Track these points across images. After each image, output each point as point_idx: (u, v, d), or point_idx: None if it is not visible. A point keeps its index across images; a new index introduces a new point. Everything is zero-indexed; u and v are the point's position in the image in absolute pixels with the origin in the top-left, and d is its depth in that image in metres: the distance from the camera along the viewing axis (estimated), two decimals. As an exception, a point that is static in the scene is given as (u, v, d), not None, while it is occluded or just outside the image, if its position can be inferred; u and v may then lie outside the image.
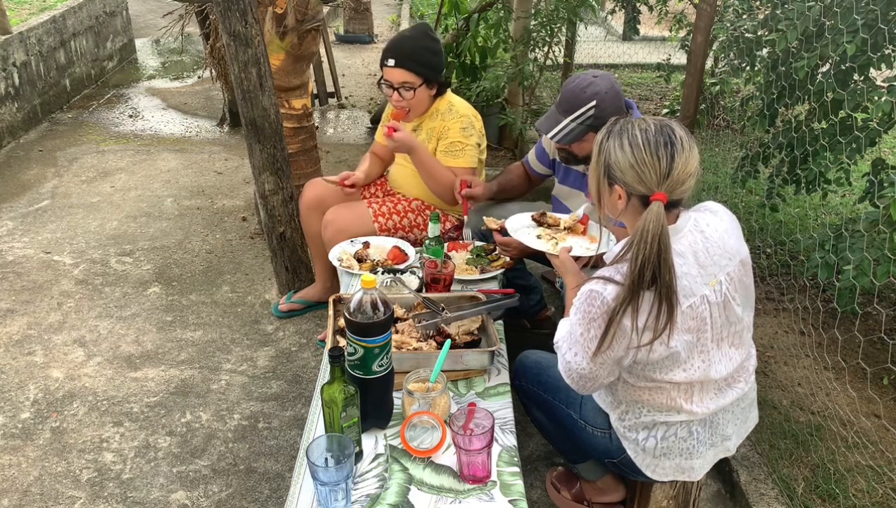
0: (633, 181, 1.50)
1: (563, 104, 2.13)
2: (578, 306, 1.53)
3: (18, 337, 2.94)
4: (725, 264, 1.55)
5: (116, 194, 4.25)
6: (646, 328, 1.46)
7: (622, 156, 1.50)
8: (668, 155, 1.46)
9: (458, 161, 2.54)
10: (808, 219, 3.64)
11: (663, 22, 4.83)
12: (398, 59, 2.44)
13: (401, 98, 2.50)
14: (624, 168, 1.50)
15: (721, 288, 1.53)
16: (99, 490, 2.22)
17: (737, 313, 1.58)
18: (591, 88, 2.09)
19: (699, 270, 1.51)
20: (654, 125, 1.50)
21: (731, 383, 1.65)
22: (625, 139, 1.50)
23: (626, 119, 1.55)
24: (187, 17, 4.62)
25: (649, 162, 1.47)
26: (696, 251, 1.52)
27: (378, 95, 6.11)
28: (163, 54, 7.35)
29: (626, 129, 1.52)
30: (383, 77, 2.51)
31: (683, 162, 1.47)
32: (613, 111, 2.11)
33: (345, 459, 1.40)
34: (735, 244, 1.59)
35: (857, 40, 2.24)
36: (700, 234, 1.54)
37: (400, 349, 1.81)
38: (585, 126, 2.11)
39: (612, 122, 1.57)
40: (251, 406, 2.58)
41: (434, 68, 2.50)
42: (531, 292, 2.77)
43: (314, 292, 3.06)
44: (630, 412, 1.67)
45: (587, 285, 1.52)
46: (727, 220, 1.61)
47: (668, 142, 1.47)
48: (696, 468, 1.68)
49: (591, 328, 1.50)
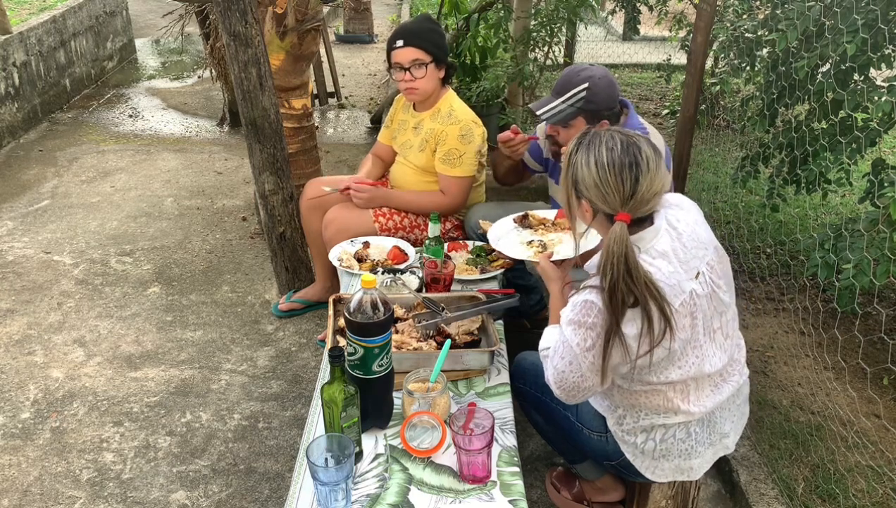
0: (598, 200, 1.50)
1: (557, 86, 2.17)
2: (572, 317, 1.52)
3: (18, 337, 2.94)
4: (703, 255, 1.55)
5: (116, 194, 4.25)
6: (642, 338, 1.46)
7: (587, 174, 1.50)
8: (631, 177, 1.46)
9: (455, 170, 2.54)
10: (808, 219, 3.64)
11: (663, 22, 4.83)
12: (407, 38, 2.46)
13: (412, 77, 2.50)
14: (589, 186, 1.50)
15: (706, 278, 1.54)
16: (99, 490, 2.22)
17: (724, 302, 1.59)
18: (585, 73, 2.13)
19: (682, 266, 1.51)
20: (620, 143, 1.49)
21: (726, 377, 1.65)
22: (591, 156, 1.50)
23: (596, 132, 1.54)
24: (187, 17, 4.63)
25: (613, 184, 1.47)
26: (675, 248, 1.52)
27: (378, 95, 6.11)
28: (163, 54, 7.34)
29: (594, 144, 1.51)
30: (392, 62, 2.52)
31: (648, 183, 1.47)
32: (605, 99, 2.13)
33: (345, 459, 1.40)
34: (706, 233, 1.59)
35: (857, 40, 2.24)
36: (674, 230, 1.54)
37: (400, 349, 1.81)
38: (575, 108, 2.12)
39: (582, 133, 1.57)
40: (251, 406, 2.58)
41: (441, 48, 2.52)
42: (531, 292, 2.77)
43: (314, 291, 3.06)
44: (627, 416, 1.67)
45: (580, 296, 1.51)
46: (693, 211, 1.62)
47: (632, 163, 1.46)
48: (695, 468, 1.69)
49: (589, 338, 1.49)
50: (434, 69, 2.52)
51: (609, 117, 2.17)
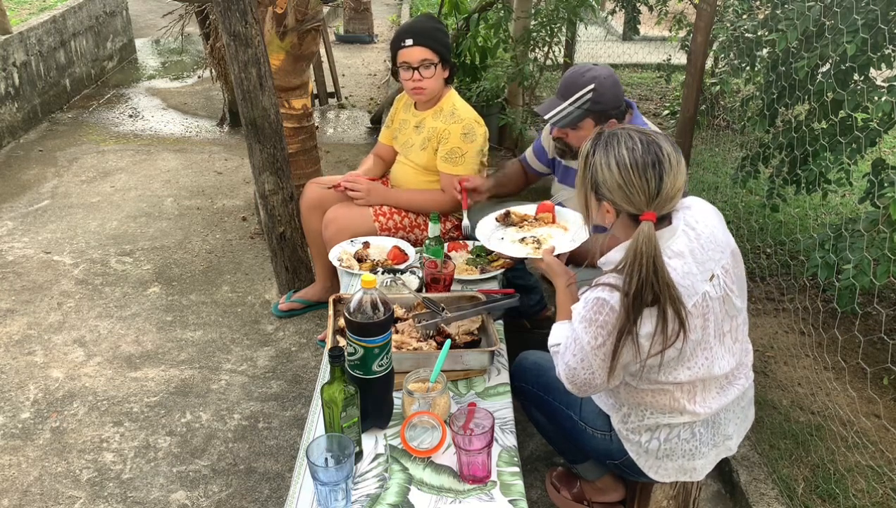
0: (622, 201, 1.49)
1: (561, 89, 2.15)
2: (584, 313, 1.51)
3: (18, 337, 2.94)
4: (719, 258, 1.55)
5: (116, 194, 4.25)
6: (655, 338, 1.46)
7: (609, 176, 1.48)
8: (656, 176, 1.45)
9: (458, 169, 2.55)
10: (808, 219, 3.64)
11: (663, 22, 4.83)
12: (416, 37, 2.46)
13: (420, 77, 2.50)
14: (612, 188, 1.49)
15: (719, 281, 1.53)
16: (99, 490, 2.22)
17: (736, 306, 1.58)
18: (590, 73, 2.11)
19: (698, 267, 1.50)
20: (640, 143, 1.48)
21: (733, 380, 1.65)
22: (611, 157, 1.48)
23: (611, 132, 1.53)
24: (187, 17, 4.63)
25: (637, 184, 1.46)
26: (693, 249, 1.51)
27: (378, 95, 6.11)
28: (163, 54, 7.34)
29: (613, 145, 1.49)
30: (400, 61, 2.51)
31: (671, 181, 1.46)
32: (612, 99, 2.12)
33: (345, 459, 1.40)
34: (724, 236, 1.59)
35: (857, 40, 2.24)
36: (693, 231, 1.53)
37: (400, 349, 1.81)
38: (583, 110, 2.11)
39: (596, 134, 1.55)
40: (251, 406, 2.58)
41: (448, 48, 2.53)
42: (531, 292, 2.77)
43: (314, 291, 3.06)
44: (633, 415, 1.66)
45: (592, 293, 1.50)
46: (711, 213, 1.61)
47: (655, 161, 1.45)
48: (698, 468, 1.68)
49: (600, 336, 1.49)
50: (441, 69, 2.53)
51: (616, 116, 2.17)
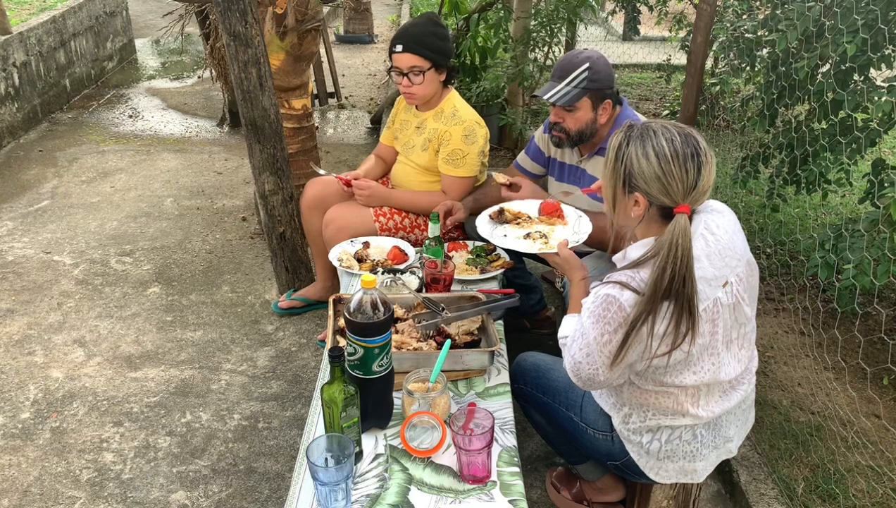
0: (658, 193, 1.46)
1: (558, 71, 2.25)
2: (593, 309, 1.51)
3: (18, 337, 2.94)
4: (735, 266, 1.53)
5: (116, 194, 4.25)
6: (665, 337, 1.45)
7: (647, 166, 1.46)
8: (695, 167, 1.44)
9: (459, 171, 2.55)
10: (808, 219, 3.64)
11: (663, 22, 4.83)
12: (406, 44, 2.46)
13: (410, 83, 2.50)
14: (649, 179, 1.46)
15: (732, 289, 1.52)
16: (99, 490, 2.22)
17: (746, 314, 1.57)
18: (583, 55, 2.24)
19: (713, 272, 1.49)
20: (678, 135, 1.46)
21: (737, 385, 1.64)
22: (649, 148, 1.46)
23: (645, 124, 1.51)
24: (187, 17, 4.62)
25: (678, 175, 1.44)
26: (710, 254, 1.49)
27: (378, 95, 6.11)
28: (163, 54, 7.35)
29: (650, 136, 1.47)
30: (393, 65, 2.52)
31: (708, 173, 1.45)
32: (606, 77, 2.22)
33: (345, 459, 1.40)
34: (742, 244, 1.57)
35: (857, 40, 2.24)
36: (712, 236, 1.51)
37: (400, 349, 1.81)
38: (581, 88, 2.20)
39: (628, 126, 1.53)
40: (251, 406, 2.58)
41: (442, 52, 2.51)
42: (531, 292, 2.77)
43: (314, 290, 3.06)
44: (634, 415, 1.66)
45: (603, 289, 1.49)
46: (732, 220, 1.59)
47: (694, 153, 1.44)
48: (699, 470, 1.68)
49: (606, 333, 1.48)
50: (434, 74, 2.52)
51: (611, 97, 2.25)
